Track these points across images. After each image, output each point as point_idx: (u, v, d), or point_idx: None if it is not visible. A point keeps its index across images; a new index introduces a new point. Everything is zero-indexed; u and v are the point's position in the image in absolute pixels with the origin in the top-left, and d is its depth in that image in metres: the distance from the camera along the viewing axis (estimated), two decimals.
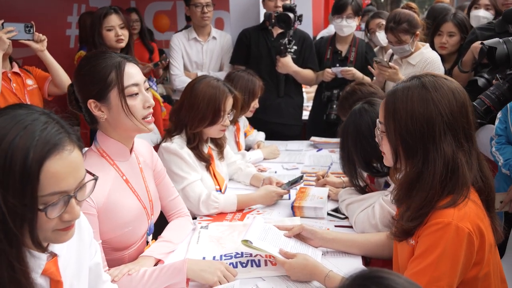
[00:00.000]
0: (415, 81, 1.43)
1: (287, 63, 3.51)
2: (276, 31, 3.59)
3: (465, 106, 1.41)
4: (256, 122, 3.55)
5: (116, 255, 1.72)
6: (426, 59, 3.20)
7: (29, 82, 3.05)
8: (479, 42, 2.92)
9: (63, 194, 1.01)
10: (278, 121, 3.70)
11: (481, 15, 3.50)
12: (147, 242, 1.86)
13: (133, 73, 1.66)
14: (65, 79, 3.05)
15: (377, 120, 1.53)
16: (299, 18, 3.48)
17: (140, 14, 4.70)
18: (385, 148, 1.51)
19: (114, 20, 3.09)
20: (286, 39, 3.47)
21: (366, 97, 2.42)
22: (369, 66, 3.37)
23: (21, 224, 0.97)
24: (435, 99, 1.37)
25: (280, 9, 3.49)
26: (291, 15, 3.40)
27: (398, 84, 1.48)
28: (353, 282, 0.78)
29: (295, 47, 3.58)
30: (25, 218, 0.97)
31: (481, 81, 2.64)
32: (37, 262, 1.07)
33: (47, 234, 1.03)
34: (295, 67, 3.57)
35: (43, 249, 1.04)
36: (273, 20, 3.46)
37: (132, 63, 1.68)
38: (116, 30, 3.08)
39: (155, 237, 1.92)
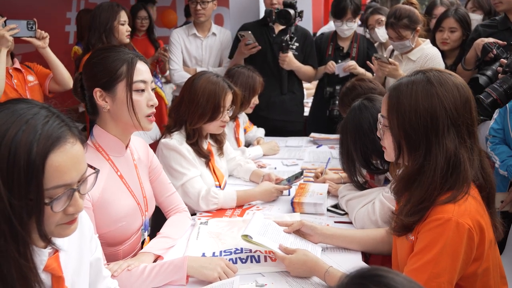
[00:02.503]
0: (420, 76, 1.42)
1: (290, 59, 3.50)
2: (278, 27, 3.58)
3: (469, 102, 1.40)
4: (259, 120, 3.56)
5: (110, 250, 1.74)
6: (426, 55, 3.20)
7: (30, 78, 3.06)
8: (481, 39, 2.92)
9: (67, 187, 1.02)
10: (283, 118, 3.69)
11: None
12: (144, 240, 1.86)
13: (143, 70, 1.72)
14: (67, 76, 3.06)
15: (379, 114, 1.52)
16: (300, 14, 3.47)
17: (149, 11, 4.76)
18: (387, 142, 1.50)
19: (125, 15, 3.21)
20: (288, 35, 3.46)
21: (366, 93, 2.41)
22: (367, 62, 3.37)
23: (28, 219, 0.97)
24: (440, 94, 1.37)
25: (277, 6, 3.48)
26: (291, 11, 3.39)
27: (402, 78, 1.47)
28: (352, 281, 0.78)
29: (296, 44, 3.57)
30: (32, 213, 0.97)
31: (482, 79, 2.63)
32: (39, 258, 1.07)
33: (51, 228, 1.04)
34: (298, 63, 3.57)
35: (49, 242, 1.05)
36: (273, 17, 3.45)
37: (143, 62, 1.74)
38: (126, 25, 3.21)
39: (153, 234, 1.92)
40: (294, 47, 3.54)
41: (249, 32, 3.44)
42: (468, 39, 3.20)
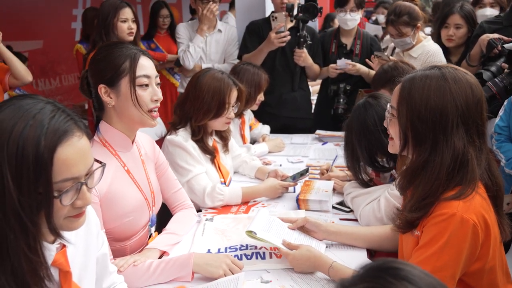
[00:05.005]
0: (435, 71, 1.42)
1: (306, 55, 3.48)
2: (287, 25, 3.56)
3: (481, 103, 1.40)
4: (269, 117, 3.56)
5: (117, 245, 1.75)
6: (427, 51, 3.19)
7: None
8: (486, 35, 2.90)
9: (75, 180, 1.03)
10: (293, 115, 3.68)
11: (488, 14, 3.47)
12: (151, 234, 1.87)
13: (146, 65, 1.72)
14: (23, 70, 3.10)
15: (389, 104, 1.52)
16: (320, 10, 3.45)
17: (170, 9, 4.89)
18: (393, 131, 1.51)
19: (128, 13, 3.17)
20: (304, 31, 3.42)
21: (396, 74, 2.43)
22: (366, 60, 3.36)
23: (37, 213, 0.98)
24: (453, 91, 1.37)
25: (285, 6, 3.45)
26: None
27: (417, 71, 1.47)
28: (368, 273, 0.77)
29: (310, 42, 3.55)
30: (41, 206, 0.99)
31: (486, 75, 2.62)
32: (47, 253, 1.09)
33: (59, 221, 1.05)
34: (311, 60, 3.56)
35: (58, 236, 1.06)
36: (294, 13, 3.41)
37: (147, 57, 1.75)
38: (129, 23, 3.16)
39: (159, 230, 1.93)
40: (310, 42, 3.50)
41: (283, 13, 3.34)
42: (473, 36, 3.18)
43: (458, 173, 1.36)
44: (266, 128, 3.52)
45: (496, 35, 2.85)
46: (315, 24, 5.21)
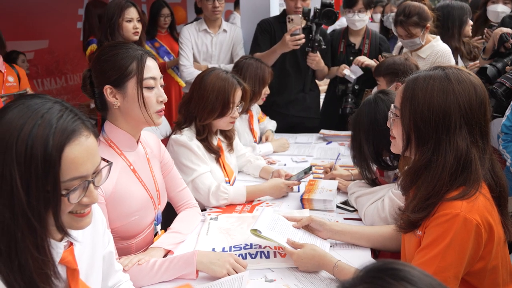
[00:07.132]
0: (438, 71, 1.42)
1: (319, 59, 3.48)
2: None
3: (484, 104, 1.40)
4: (278, 116, 3.57)
5: (123, 244, 1.76)
6: (436, 52, 3.16)
7: (10, 79, 3.12)
8: (500, 28, 2.87)
9: (82, 179, 1.05)
10: (302, 115, 3.69)
11: (500, 10, 3.44)
12: (156, 232, 1.88)
13: (152, 67, 1.73)
14: None
15: (392, 104, 1.52)
16: (337, 15, 3.45)
17: (171, 8, 4.89)
18: (396, 132, 1.51)
19: (133, 12, 3.18)
20: (318, 34, 3.41)
21: (403, 70, 2.48)
22: (374, 59, 3.34)
23: (45, 212, 1.00)
24: (456, 92, 1.37)
25: (300, 10, 3.44)
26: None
27: (420, 71, 1.47)
28: (367, 274, 0.77)
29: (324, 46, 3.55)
30: (49, 204, 1.00)
31: (490, 69, 2.60)
32: (55, 251, 1.10)
33: (65, 219, 1.06)
34: (323, 63, 3.55)
35: (66, 233, 1.07)
36: (308, 17, 3.40)
37: (152, 58, 1.74)
38: (134, 23, 3.17)
39: (164, 229, 1.94)
40: (325, 47, 3.48)
41: (300, 16, 3.32)
42: (494, 31, 3.15)
43: (461, 174, 1.36)
44: (273, 124, 3.52)
45: (510, 30, 2.82)
46: None
